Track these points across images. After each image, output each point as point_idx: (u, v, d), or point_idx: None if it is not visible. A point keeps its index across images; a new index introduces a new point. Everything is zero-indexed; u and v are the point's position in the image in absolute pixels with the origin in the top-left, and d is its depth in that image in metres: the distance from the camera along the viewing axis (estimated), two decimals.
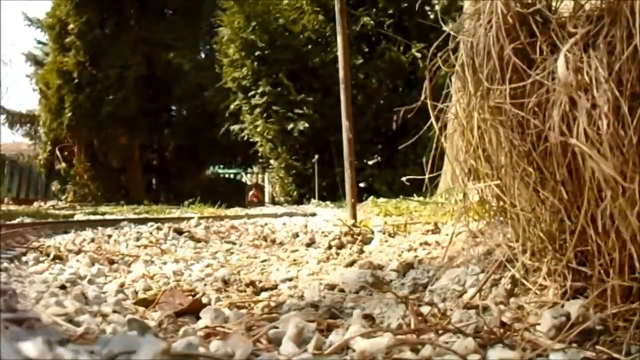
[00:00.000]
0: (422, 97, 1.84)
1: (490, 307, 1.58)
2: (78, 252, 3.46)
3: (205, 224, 6.11)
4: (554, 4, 1.65)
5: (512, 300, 1.65)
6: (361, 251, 3.32)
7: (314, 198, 13.79)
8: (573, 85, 1.34)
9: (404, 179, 2.46)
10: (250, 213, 10.05)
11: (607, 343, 1.29)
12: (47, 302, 1.86)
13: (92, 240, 4.45)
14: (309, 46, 14.85)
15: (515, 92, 1.55)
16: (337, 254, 3.34)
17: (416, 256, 2.70)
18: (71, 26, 19.60)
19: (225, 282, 2.53)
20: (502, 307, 1.58)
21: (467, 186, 1.84)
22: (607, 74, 1.38)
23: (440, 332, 1.38)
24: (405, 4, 13.93)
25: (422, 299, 1.81)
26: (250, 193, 24.04)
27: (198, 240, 4.64)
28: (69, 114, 19.43)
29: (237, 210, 11.67)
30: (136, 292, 2.30)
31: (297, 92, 14.50)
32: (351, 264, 2.87)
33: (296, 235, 4.54)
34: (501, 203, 1.77)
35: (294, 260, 3.33)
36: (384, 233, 3.68)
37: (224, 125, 17.83)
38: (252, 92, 15.08)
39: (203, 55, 23.16)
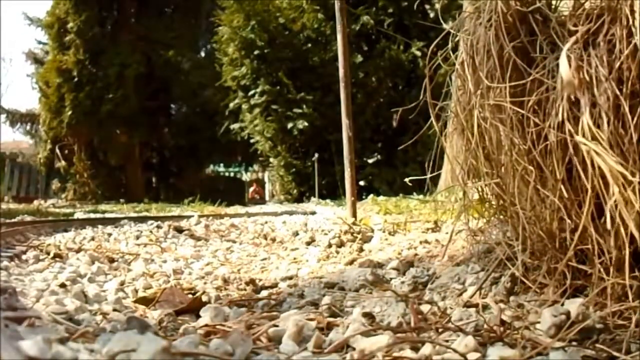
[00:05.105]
0: (422, 96, 1.84)
1: (490, 305, 1.58)
2: (78, 251, 3.45)
3: (205, 222, 6.11)
4: (554, 2, 1.65)
5: (512, 298, 1.65)
6: (361, 249, 3.32)
7: (314, 196, 13.80)
8: (575, 84, 1.34)
9: (406, 180, 2.46)
10: (250, 211, 10.05)
11: (607, 341, 1.29)
12: (47, 301, 1.86)
13: (92, 238, 4.45)
14: (309, 45, 14.86)
15: (515, 90, 1.55)
16: (337, 252, 3.34)
17: (416, 254, 2.70)
18: (70, 24, 19.62)
19: (225, 281, 2.53)
20: (502, 305, 1.58)
21: (467, 185, 1.84)
22: (608, 73, 1.38)
23: (440, 330, 1.38)
24: (405, 3, 13.94)
25: (422, 297, 1.81)
26: (251, 189, 23.99)
27: (198, 239, 4.65)
28: (69, 113, 19.46)
29: (237, 209, 11.68)
30: (136, 291, 2.30)
31: (297, 91, 14.51)
32: (351, 262, 2.87)
33: (296, 233, 4.54)
34: (501, 201, 1.77)
35: (294, 258, 3.33)
36: (384, 231, 3.68)
37: (223, 123, 17.85)
38: (252, 91, 15.09)
39: (202, 54, 23.18)
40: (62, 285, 2.25)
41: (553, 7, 1.63)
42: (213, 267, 3.07)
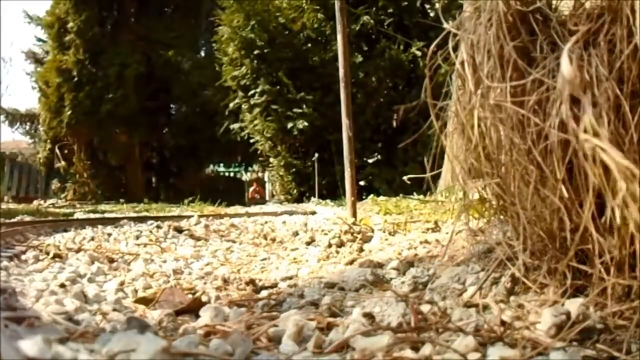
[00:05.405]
0: (422, 96, 1.83)
1: (491, 305, 1.58)
2: (78, 251, 3.45)
3: (205, 222, 6.11)
4: (554, 2, 1.64)
5: (512, 298, 1.65)
6: (361, 249, 3.32)
7: (314, 196, 13.79)
8: (576, 83, 1.34)
9: (405, 178, 2.46)
10: (250, 211, 10.05)
11: (608, 341, 1.29)
12: (46, 301, 1.86)
13: (92, 238, 4.45)
14: (309, 45, 14.84)
15: (516, 90, 1.55)
16: (337, 252, 3.34)
17: (416, 254, 2.70)
18: (70, 24, 19.62)
19: (225, 281, 2.53)
20: (502, 305, 1.57)
21: (467, 184, 1.83)
22: (608, 72, 1.38)
23: (441, 330, 1.38)
24: (406, 3, 13.93)
25: (422, 298, 1.81)
26: (252, 189, 23.84)
27: (198, 239, 4.64)
28: (69, 112, 19.46)
29: (237, 209, 11.67)
30: (136, 291, 2.30)
31: (297, 91, 14.49)
32: (351, 262, 2.87)
33: (296, 233, 4.54)
34: (501, 201, 1.77)
35: (294, 258, 3.33)
36: (384, 231, 3.68)
37: (223, 123, 17.83)
38: (252, 91, 15.08)
39: (202, 54, 23.17)
40: (62, 286, 2.25)
41: (553, 6, 1.63)
42: (213, 267, 3.07)
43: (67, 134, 19.92)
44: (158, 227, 5.36)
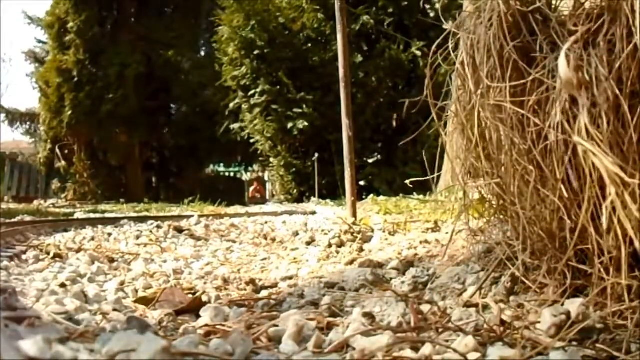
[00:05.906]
0: (423, 95, 1.84)
1: (490, 305, 1.58)
2: (78, 251, 3.46)
3: (206, 222, 6.11)
4: (554, 2, 1.65)
5: (512, 298, 1.65)
6: (361, 249, 3.32)
7: (314, 196, 13.79)
8: (574, 84, 1.34)
9: (407, 181, 2.46)
10: (250, 211, 10.05)
11: (607, 341, 1.29)
12: (47, 301, 1.87)
13: (92, 238, 4.45)
14: (309, 45, 14.84)
15: (516, 90, 1.55)
16: (337, 252, 3.34)
17: (416, 254, 2.70)
18: (71, 24, 19.62)
19: (225, 281, 2.53)
20: (502, 305, 1.57)
21: (467, 184, 1.84)
22: (608, 72, 1.38)
23: (440, 330, 1.38)
24: (405, 3, 13.92)
25: (422, 297, 1.81)
26: (252, 188, 23.79)
27: (198, 239, 4.65)
28: (69, 112, 19.47)
29: (237, 209, 11.67)
30: (136, 291, 2.31)
31: (297, 91, 14.49)
32: (351, 262, 2.86)
33: (296, 233, 4.54)
34: (501, 201, 1.77)
35: (294, 258, 3.33)
36: (384, 231, 3.68)
37: (223, 123, 17.83)
38: (252, 91, 15.07)
39: (202, 54, 23.17)
40: (62, 285, 2.25)
41: (553, 7, 1.63)
42: (213, 267, 3.07)
43: (68, 134, 19.92)
44: (158, 227, 5.36)
